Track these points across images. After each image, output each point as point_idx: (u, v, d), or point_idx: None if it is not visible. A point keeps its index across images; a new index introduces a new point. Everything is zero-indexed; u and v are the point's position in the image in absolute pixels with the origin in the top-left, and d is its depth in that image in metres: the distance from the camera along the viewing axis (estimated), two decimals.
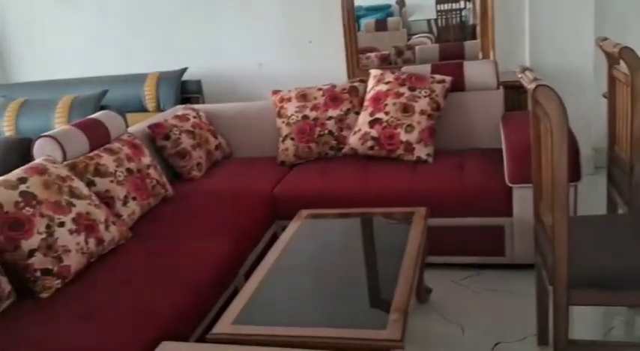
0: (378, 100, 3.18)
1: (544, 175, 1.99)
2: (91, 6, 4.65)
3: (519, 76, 1.99)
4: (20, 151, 2.63)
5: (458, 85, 3.26)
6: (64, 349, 1.75)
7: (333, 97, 3.34)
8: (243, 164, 3.44)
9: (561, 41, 3.78)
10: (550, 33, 3.80)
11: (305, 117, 3.31)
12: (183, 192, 3.03)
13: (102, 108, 3.50)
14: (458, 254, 2.84)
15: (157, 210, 2.80)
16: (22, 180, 2.17)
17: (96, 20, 4.66)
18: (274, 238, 2.84)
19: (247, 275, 2.43)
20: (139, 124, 3.34)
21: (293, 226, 2.50)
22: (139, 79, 4.14)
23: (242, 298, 1.93)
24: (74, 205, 2.24)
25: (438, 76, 3.22)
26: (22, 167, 2.27)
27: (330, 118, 3.29)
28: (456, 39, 4.38)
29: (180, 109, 3.57)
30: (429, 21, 4.53)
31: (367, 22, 4.48)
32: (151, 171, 2.86)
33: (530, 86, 1.77)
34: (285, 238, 2.40)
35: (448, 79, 3.21)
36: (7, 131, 3.52)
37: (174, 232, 2.58)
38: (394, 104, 3.12)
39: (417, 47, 4.29)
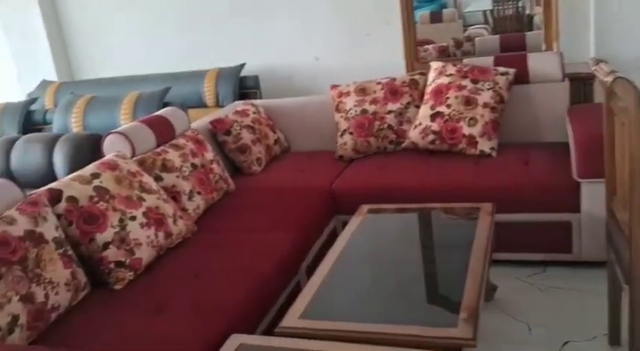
0: (439, 93, 3.14)
1: (619, 170, 1.92)
2: (152, 5, 4.76)
3: (593, 68, 1.92)
4: (90, 146, 2.73)
5: (522, 78, 3.18)
6: (137, 339, 1.80)
7: (392, 90, 3.31)
8: (302, 159, 3.46)
9: (628, 30, 3.64)
10: (617, 22, 3.66)
11: (364, 111, 3.30)
12: (244, 186, 3.07)
13: (165, 104, 3.58)
14: (523, 251, 2.78)
15: (219, 204, 2.85)
16: (96, 175, 2.25)
17: (157, 19, 4.77)
18: (334, 233, 2.87)
19: (309, 270, 2.46)
20: (200, 120, 3.40)
21: (355, 221, 2.50)
22: (199, 75, 4.22)
23: (308, 292, 1.95)
24: (144, 200, 2.31)
25: (501, 69, 3.15)
26: (95, 163, 2.35)
27: (389, 111, 3.27)
28: (512, 30, 4.28)
29: (240, 105, 3.62)
30: (484, 12, 4.44)
31: (422, 14, 4.42)
32: (214, 166, 2.91)
33: (607, 79, 1.71)
34: (347, 233, 2.40)
35: (512, 71, 3.14)
36: (75, 127, 3.65)
37: (237, 225, 2.62)
38: (456, 97, 3.07)
39: (476, 39, 4.21)
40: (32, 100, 4.22)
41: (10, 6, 5.04)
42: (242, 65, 4.31)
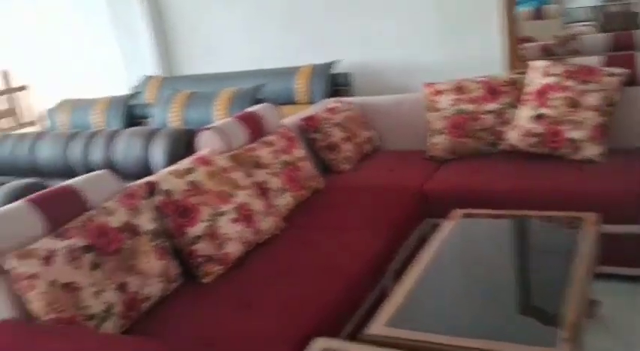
0: (542, 93, 2.96)
1: None
2: (252, 3, 4.84)
3: None
4: (186, 141, 2.79)
5: (633, 79, 2.94)
6: (224, 334, 1.81)
7: (491, 89, 3.17)
8: (393, 158, 3.39)
9: None
10: None
11: (460, 111, 3.18)
12: (333, 185, 3.05)
13: (258, 101, 3.63)
14: (629, 265, 2.57)
15: (308, 202, 2.84)
16: (190, 170, 2.30)
17: (254, 15, 4.85)
18: (423, 237, 2.78)
19: (397, 274, 2.40)
20: (291, 117, 3.41)
21: (447, 226, 2.41)
22: (292, 72, 4.24)
23: (395, 298, 1.89)
24: (235, 196, 2.34)
25: (610, 69, 2.93)
26: (190, 158, 2.41)
27: (487, 112, 3.13)
28: (619, 28, 3.99)
29: (330, 102, 3.60)
30: (589, 8, 4.17)
31: (523, 10, 4.21)
32: (304, 163, 2.91)
33: None
34: (438, 237, 2.31)
35: (622, 71, 2.91)
36: (174, 122, 3.78)
37: (325, 224, 2.60)
38: (560, 99, 2.89)
39: (582, 37, 3.95)
40: (135, 94, 4.41)
41: (117, 1, 5.30)
42: (334, 62, 4.28)
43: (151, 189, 2.16)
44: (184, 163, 2.35)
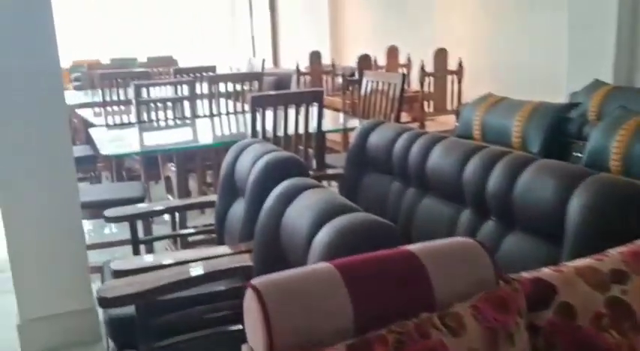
0: None
1: None
2: None
3: None
4: (624, 207, 1.76)
5: None
6: None
7: None
8: None
9: None
10: None
11: None
12: None
13: None
14: None
15: None
16: (619, 275, 1.31)
17: None
18: None
19: None
20: None
21: None
22: None
23: None
24: None
25: None
26: (622, 248, 1.41)
27: None
28: None
29: None
30: None
31: None
32: None
33: None
34: None
35: None
36: (614, 157, 2.64)
37: None
38: None
39: None
40: (571, 105, 3.38)
41: None
42: None
43: (541, 293, 1.28)
44: (611, 258, 1.37)
